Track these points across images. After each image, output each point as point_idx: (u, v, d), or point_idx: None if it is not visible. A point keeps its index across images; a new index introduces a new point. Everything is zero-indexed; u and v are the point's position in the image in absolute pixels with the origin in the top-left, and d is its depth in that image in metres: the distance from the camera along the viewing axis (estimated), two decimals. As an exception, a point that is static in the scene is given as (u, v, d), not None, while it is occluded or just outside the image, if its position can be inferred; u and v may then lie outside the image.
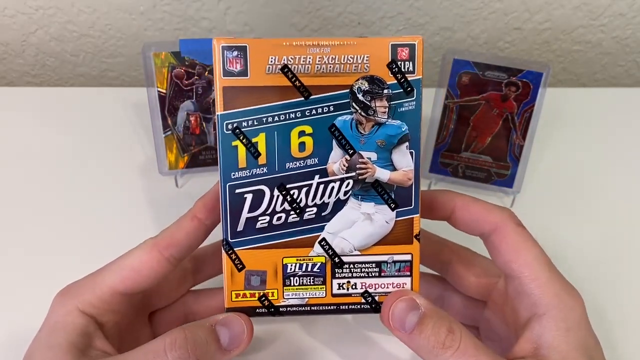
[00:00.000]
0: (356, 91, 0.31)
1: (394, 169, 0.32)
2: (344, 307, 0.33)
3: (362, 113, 0.31)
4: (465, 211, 0.35)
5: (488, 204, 0.35)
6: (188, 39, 0.49)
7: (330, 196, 0.32)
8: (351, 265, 0.33)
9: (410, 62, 0.31)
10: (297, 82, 0.31)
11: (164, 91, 0.50)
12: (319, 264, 0.33)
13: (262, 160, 0.32)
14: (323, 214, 0.32)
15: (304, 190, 0.32)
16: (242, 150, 0.32)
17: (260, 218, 0.32)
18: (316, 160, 0.32)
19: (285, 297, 0.33)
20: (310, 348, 0.41)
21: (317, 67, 0.31)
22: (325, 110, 0.31)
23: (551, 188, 0.54)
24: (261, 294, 0.33)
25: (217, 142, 0.32)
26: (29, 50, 0.69)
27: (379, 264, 0.33)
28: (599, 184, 0.54)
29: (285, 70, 0.31)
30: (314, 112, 0.31)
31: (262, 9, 0.66)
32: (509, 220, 0.34)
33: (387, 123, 0.32)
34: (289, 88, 0.31)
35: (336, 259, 0.33)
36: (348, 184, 0.32)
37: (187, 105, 0.50)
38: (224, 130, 0.31)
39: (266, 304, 0.33)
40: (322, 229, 0.33)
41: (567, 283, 0.33)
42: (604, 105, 0.62)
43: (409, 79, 0.31)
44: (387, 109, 0.32)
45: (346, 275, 0.33)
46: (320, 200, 0.32)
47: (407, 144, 0.32)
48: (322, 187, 0.32)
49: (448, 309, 0.38)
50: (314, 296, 0.33)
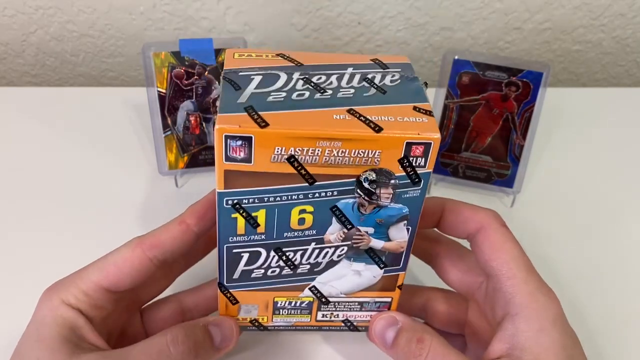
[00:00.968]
0: (362, 181, 0.30)
1: (388, 239, 0.33)
2: (325, 328, 0.37)
3: (366, 198, 0.31)
4: (454, 215, 0.35)
5: (474, 206, 0.36)
6: (188, 39, 0.49)
7: (324, 258, 0.33)
8: (336, 303, 0.35)
9: (423, 159, 0.30)
10: (302, 171, 0.30)
11: (164, 91, 0.50)
12: (307, 302, 0.35)
13: (260, 229, 0.32)
14: (315, 270, 0.34)
15: (300, 252, 0.33)
16: (241, 221, 0.31)
17: (255, 270, 0.33)
18: (314, 232, 0.32)
19: (274, 321, 0.36)
20: (309, 345, 0.41)
21: (326, 158, 0.29)
22: (328, 195, 0.31)
23: (551, 188, 0.53)
24: (253, 318, 0.36)
25: (216, 209, 0.31)
26: (29, 50, 0.69)
27: (361, 303, 0.36)
28: (599, 183, 0.54)
29: (292, 160, 0.29)
30: (317, 195, 0.31)
31: (262, 9, 0.66)
32: (493, 220, 0.34)
33: (389, 206, 0.31)
34: (293, 175, 0.30)
35: (323, 299, 0.35)
36: (342, 249, 0.33)
37: (187, 105, 0.50)
38: (224, 205, 0.31)
39: (257, 324, 0.36)
40: (313, 279, 0.34)
41: (543, 283, 0.33)
42: (604, 105, 0.62)
43: (418, 172, 0.30)
44: (391, 195, 0.31)
45: (331, 309, 0.36)
46: (315, 260, 0.33)
47: (405, 222, 0.32)
48: (317, 250, 0.33)
49: (433, 315, 0.39)
50: (300, 321, 0.36)
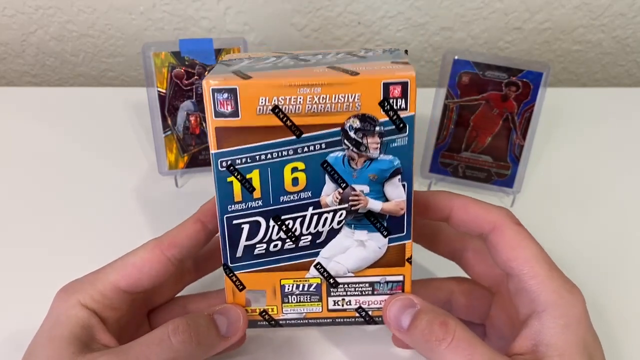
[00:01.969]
0: (348, 129, 0.31)
1: (386, 200, 0.33)
2: (339, 320, 0.35)
3: (354, 149, 0.31)
4: (463, 212, 0.35)
5: (485, 203, 0.35)
6: (188, 39, 0.49)
7: (324, 226, 0.33)
8: (345, 285, 0.34)
9: (403, 100, 0.31)
10: (288, 122, 0.31)
11: (164, 91, 0.50)
12: (315, 284, 0.34)
13: (256, 194, 0.32)
14: (317, 241, 0.33)
15: (299, 220, 0.33)
16: (237, 186, 0.32)
17: (257, 245, 0.33)
18: (309, 194, 0.32)
19: (284, 312, 0.35)
20: (311, 344, 0.41)
21: (308, 106, 0.31)
22: (317, 148, 0.31)
23: (551, 188, 0.53)
24: (262, 309, 0.35)
25: (212, 175, 0.32)
26: (28, 50, 0.69)
27: (372, 284, 0.34)
28: (599, 183, 0.54)
29: (276, 110, 0.31)
30: (305, 149, 0.31)
31: (262, 9, 0.66)
32: (507, 219, 0.34)
33: (379, 158, 0.32)
34: (280, 127, 0.31)
35: (331, 280, 0.34)
36: (341, 214, 0.33)
37: (187, 105, 0.50)
38: (219, 168, 0.32)
39: (267, 317, 0.35)
40: (317, 254, 0.33)
41: (567, 280, 0.33)
42: (604, 105, 0.62)
43: (401, 116, 0.31)
44: (379, 145, 0.31)
45: (341, 293, 0.35)
46: (315, 229, 0.33)
47: (399, 177, 0.32)
48: (315, 217, 0.33)
49: (455, 310, 0.39)
50: (311, 311, 0.35)
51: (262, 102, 0.31)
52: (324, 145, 0.31)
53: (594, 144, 0.58)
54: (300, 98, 0.30)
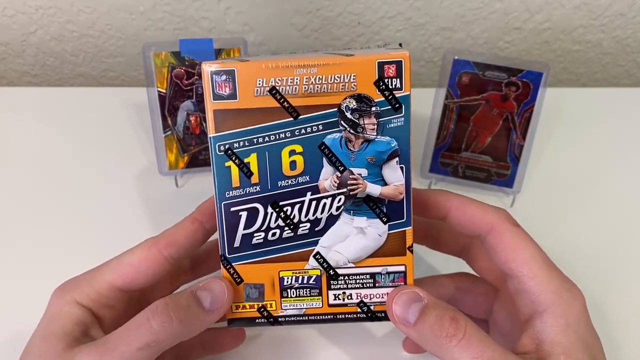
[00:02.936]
0: (344, 110, 0.31)
1: (384, 184, 0.32)
2: (340, 316, 0.34)
3: (351, 131, 0.32)
4: (461, 212, 0.35)
5: (483, 204, 0.35)
6: (188, 39, 0.49)
7: (322, 212, 0.33)
8: (346, 277, 0.34)
9: (398, 79, 0.31)
10: (285, 103, 0.31)
11: (164, 91, 0.50)
12: (314, 277, 0.34)
13: (254, 179, 0.32)
14: (316, 228, 0.33)
15: (297, 206, 0.32)
16: (235, 170, 0.32)
17: (255, 234, 0.33)
18: (307, 178, 0.32)
19: (283, 308, 0.34)
20: (311, 344, 0.41)
21: (305, 87, 0.31)
22: (314, 130, 0.32)
23: (551, 188, 0.54)
24: (260, 305, 0.34)
25: (210, 161, 0.32)
26: (29, 50, 0.69)
27: (373, 275, 0.34)
28: (599, 183, 0.54)
29: (274, 92, 0.31)
30: (303, 131, 0.32)
31: (262, 9, 0.66)
32: (505, 221, 0.34)
33: (376, 140, 0.32)
34: (277, 109, 0.31)
35: (331, 271, 0.33)
36: (340, 199, 0.32)
37: (187, 105, 0.50)
38: (217, 152, 0.32)
39: (265, 314, 0.34)
40: (316, 243, 0.33)
41: (566, 279, 0.33)
42: (604, 105, 0.62)
43: (396, 95, 0.31)
44: (375, 126, 0.32)
45: (341, 286, 0.34)
46: (313, 216, 0.33)
47: (397, 159, 0.32)
48: (314, 203, 0.32)
49: (459, 306, 0.39)
50: (311, 306, 0.34)
51: (259, 84, 0.31)
52: (321, 127, 0.32)
53: (594, 144, 0.58)
54: (297, 79, 0.31)
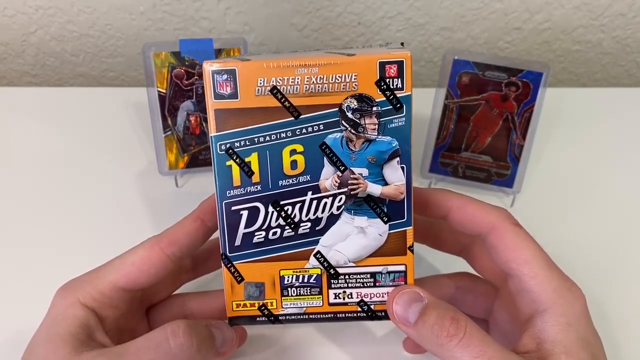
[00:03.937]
0: (345, 109, 0.31)
1: (385, 183, 0.32)
2: (340, 315, 0.34)
3: (352, 131, 0.31)
4: (462, 212, 0.35)
5: (484, 204, 0.35)
6: (188, 39, 0.49)
7: (323, 211, 0.33)
8: (346, 276, 0.34)
9: (399, 79, 0.31)
10: (286, 103, 0.31)
11: (164, 91, 0.50)
12: (315, 275, 0.34)
13: (255, 178, 0.32)
14: (317, 228, 0.33)
15: (298, 206, 0.32)
16: (236, 170, 0.32)
17: (256, 233, 0.33)
18: (308, 178, 0.32)
19: (283, 306, 0.34)
20: (311, 344, 0.41)
21: (306, 87, 0.31)
22: (315, 129, 0.32)
23: (551, 188, 0.54)
24: (261, 304, 0.34)
25: (212, 160, 0.32)
26: (29, 50, 0.69)
27: (373, 274, 0.34)
28: (599, 183, 0.54)
29: (275, 91, 0.31)
30: (304, 131, 0.32)
31: (262, 9, 0.66)
32: (506, 220, 0.34)
33: (377, 140, 0.32)
34: (278, 108, 0.31)
35: (331, 270, 0.33)
36: (340, 199, 0.32)
37: (187, 105, 0.50)
38: (218, 151, 0.32)
39: (266, 313, 0.34)
40: (316, 242, 0.33)
41: (567, 278, 0.33)
42: (604, 105, 0.62)
43: (397, 95, 0.31)
44: (376, 126, 0.31)
45: (342, 285, 0.34)
46: (314, 215, 0.33)
47: (397, 159, 0.32)
48: (315, 202, 0.32)
49: (459, 305, 0.39)
50: (312, 305, 0.34)
51: (260, 83, 0.31)
52: (322, 127, 0.31)
53: (594, 144, 0.58)
54: (298, 78, 0.31)
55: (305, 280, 0.34)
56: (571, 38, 0.70)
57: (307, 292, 0.34)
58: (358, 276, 0.34)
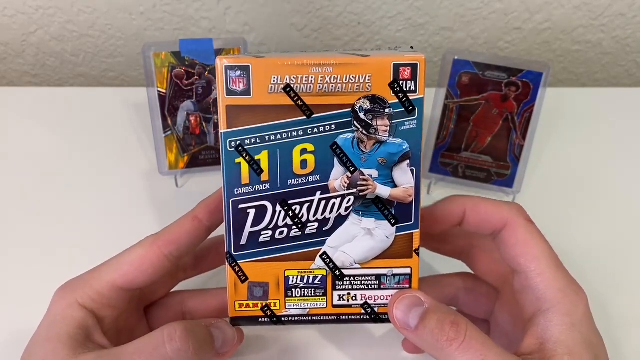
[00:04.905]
0: (358, 110, 0.31)
1: (394, 185, 0.32)
2: (344, 317, 0.34)
3: (364, 132, 0.31)
4: (475, 212, 0.35)
5: (496, 201, 0.35)
6: (188, 39, 0.49)
7: (331, 212, 0.32)
8: (351, 278, 0.34)
9: (413, 82, 0.31)
10: (299, 101, 0.31)
11: (164, 91, 0.50)
12: (320, 277, 0.33)
13: (264, 176, 0.32)
14: (324, 228, 0.33)
15: (306, 205, 0.32)
16: (245, 167, 0.32)
17: (262, 232, 0.33)
18: (318, 177, 0.32)
19: (287, 307, 0.34)
20: (312, 345, 0.41)
21: (320, 86, 0.31)
22: (327, 129, 0.31)
23: (551, 188, 0.54)
24: (264, 304, 0.34)
25: (221, 157, 0.32)
26: (29, 50, 0.69)
27: (378, 277, 0.34)
28: (599, 183, 0.54)
29: (288, 89, 0.31)
30: (315, 130, 0.31)
31: (262, 9, 0.66)
32: (519, 216, 0.34)
33: (388, 141, 0.32)
34: (291, 107, 0.31)
35: (337, 272, 0.33)
36: (349, 200, 0.32)
37: (187, 105, 0.50)
38: (228, 148, 0.31)
39: (269, 313, 0.34)
40: (323, 243, 0.33)
41: (573, 280, 0.33)
42: (604, 105, 0.62)
43: (410, 98, 0.31)
44: (388, 128, 0.31)
45: (346, 287, 0.34)
46: (322, 215, 0.32)
47: (407, 161, 0.32)
48: (323, 202, 0.32)
49: (460, 306, 0.39)
50: (315, 307, 0.34)
51: (274, 81, 0.31)
52: (333, 127, 0.31)
53: (594, 144, 0.58)
54: (312, 77, 0.31)
55: (310, 281, 0.33)
56: (571, 38, 0.70)
57: (311, 294, 0.34)
58: (363, 278, 0.34)
